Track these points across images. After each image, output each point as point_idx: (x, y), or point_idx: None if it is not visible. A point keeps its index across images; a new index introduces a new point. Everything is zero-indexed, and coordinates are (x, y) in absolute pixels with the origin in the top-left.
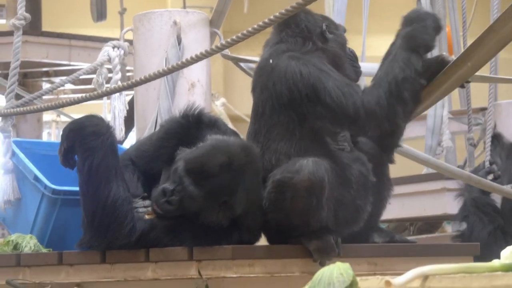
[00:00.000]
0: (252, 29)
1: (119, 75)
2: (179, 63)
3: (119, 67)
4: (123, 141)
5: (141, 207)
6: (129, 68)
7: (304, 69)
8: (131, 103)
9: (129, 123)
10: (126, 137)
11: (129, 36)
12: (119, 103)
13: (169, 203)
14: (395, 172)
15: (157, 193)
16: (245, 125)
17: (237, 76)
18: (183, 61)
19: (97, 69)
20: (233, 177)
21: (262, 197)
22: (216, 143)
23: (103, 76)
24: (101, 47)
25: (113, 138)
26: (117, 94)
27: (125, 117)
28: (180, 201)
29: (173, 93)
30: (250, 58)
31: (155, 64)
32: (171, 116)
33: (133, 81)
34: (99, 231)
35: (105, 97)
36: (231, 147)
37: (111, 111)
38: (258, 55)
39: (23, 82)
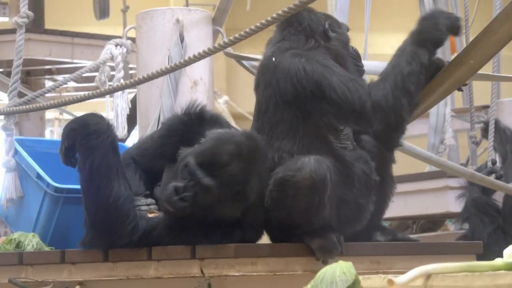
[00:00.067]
0: (255, 27)
1: (121, 73)
2: (181, 61)
3: (121, 65)
4: (125, 139)
5: (143, 205)
6: (132, 66)
7: (308, 65)
8: (134, 101)
9: (131, 121)
10: (128, 135)
11: (132, 34)
12: (122, 101)
13: (183, 200)
14: (397, 170)
15: (168, 192)
16: (248, 123)
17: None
18: (186, 59)
19: (99, 67)
20: (244, 165)
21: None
22: (220, 135)
23: (105, 74)
24: (104, 45)
25: (113, 136)
26: (119, 92)
27: (127, 115)
28: (193, 196)
29: (175, 91)
30: (252, 56)
31: (157, 62)
32: (173, 114)
33: (136, 79)
34: (101, 230)
35: (108, 95)
36: (236, 137)
37: (113, 109)
38: (261, 53)
39: (26, 80)
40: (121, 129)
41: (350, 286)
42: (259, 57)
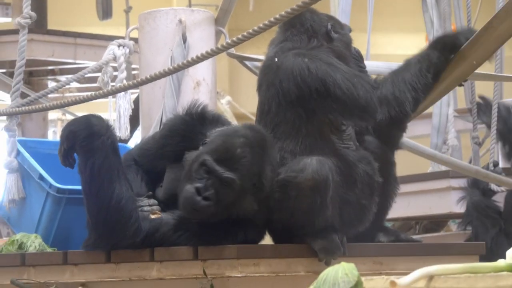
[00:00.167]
0: (258, 28)
1: (124, 74)
2: (184, 62)
3: (124, 65)
4: (128, 140)
5: (145, 205)
6: (134, 67)
7: (311, 64)
8: (137, 101)
9: (134, 121)
10: (131, 135)
11: (135, 34)
12: (125, 101)
13: (206, 199)
14: (400, 170)
15: (189, 194)
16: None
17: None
18: (189, 60)
19: (102, 67)
20: (257, 154)
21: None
22: (225, 132)
23: (108, 75)
24: (106, 45)
25: (113, 137)
26: (122, 93)
27: (130, 115)
28: (216, 194)
29: (178, 92)
30: (255, 56)
31: (160, 63)
32: (175, 114)
33: (139, 80)
34: (104, 232)
35: (111, 96)
36: (240, 130)
37: (116, 109)
38: (264, 53)
39: (29, 81)
40: (123, 129)
41: (353, 287)
42: (262, 57)
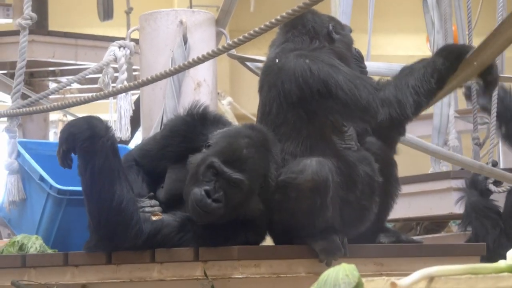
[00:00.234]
0: (259, 29)
1: (125, 75)
2: (185, 63)
3: (125, 66)
4: (129, 141)
5: (147, 206)
6: (135, 68)
7: (313, 65)
8: (137, 102)
9: (135, 122)
10: (132, 136)
11: (136, 35)
12: (125, 102)
13: (216, 201)
14: (401, 171)
15: (198, 197)
16: None
17: (243, 75)
18: (190, 61)
19: (103, 68)
20: (262, 153)
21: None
22: (228, 133)
23: (109, 76)
24: (107, 46)
25: (113, 139)
26: (123, 94)
27: (131, 116)
28: (225, 195)
29: (179, 93)
30: (256, 57)
31: (161, 64)
32: (176, 115)
33: (140, 81)
34: (105, 234)
35: (111, 97)
36: (243, 131)
37: (117, 110)
38: (265, 54)
39: (30, 82)
40: (124, 130)
41: None
42: (263, 58)
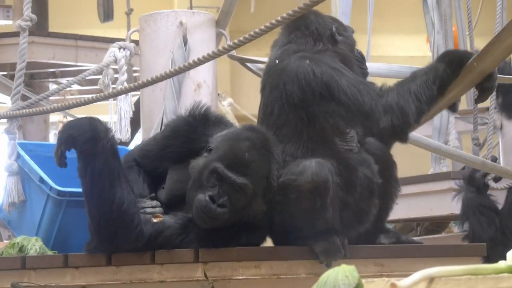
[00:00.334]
0: (259, 30)
1: (125, 76)
2: (185, 64)
3: (125, 68)
4: (129, 142)
5: (148, 207)
6: (135, 69)
7: (316, 68)
8: (137, 104)
9: (135, 124)
10: (132, 138)
11: (136, 36)
12: (125, 104)
13: (221, 206)
14: (402, 172)
15: (203, 203)
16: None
17: (243, 76)
18: (190, 62)
19: (103, 70)
20: (264, 156)
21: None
22: (228, 136)
23: (109, 77)
24: (108, 47)
25: (113, 141)
26: (123, 95)
27: (131, 118)
28: (229, 200)
29: (179, 94)
30: (256, 58)
31: (161, 65)
32: (177, 115)
33: (140, 82)
34: (106, 236)
35: (111, 98)
36: (243, 133)
37: (117, 112)
38: (266, 54)
39: (30, 83)
40: (124, 132)
41: None
42: (263, 59)
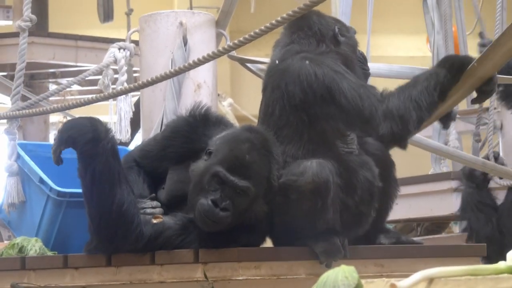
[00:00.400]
0: (259, 30)
1: (125, 77)
2: (185, 65)
3: (125, 68)
4: (129, 143)
5: (148, 207)
6: (135, 69)
7: (318, 70)
8: (137, 104)
9: (135, 124)
10: (132, 138)
11: (136, 37)
12: (125, 104)
13: (224, 210)
14: (402, 172)
15: (206, 208)
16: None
17: (244, 77)
18: (190, 62)
19: (103, 70)
20: (264, 156)
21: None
22: (227, 138)
23: (109, 78)
24: (107, 48)
25: (113, 142)
26: (123, 96)
27: (131, 118)
28: (232, 203)
29: (179, 94)
30: (256, 59)
31: (161, 65)
32: (178, 115)
33: (140, 83)
34: (106, 237)
35: (111, 99)
36: (242, 135)
37: (117, 112)
38: (266, 55)
39: (30, 84)
40: (124, 132)
41: None
42: (263, 60)
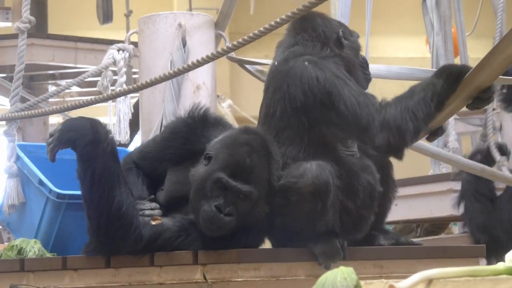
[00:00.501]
0: (258, 31)
1: (124, 78)
2: (184, 66)
3: (124, 69)
4: (128, 144)
5: (147, 209)
6: (134, 71)
7: (320, 74)
8: (136, 105)
9: (134, 126)
10: (131, 140)
11: (135, 38)
12: (124, 106)
13: (228, 215)
14: (401, 173)
15: (210, 214)
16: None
17: (243, 78)
18: (189, 64)
19: (102, 72)
20: (264, 158)
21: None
22: (227, 142)
23: (108, 79)
24: (107, 49)
25: (113, 143)
26: (122, 97)
27: (130, 120)
28: (235, 208)
29: (178, 96)
30: (255, 60)
31: (160, 67)
32: (177, 117)
33: (139, 84)
34: (105, 239)
35: (110, 100)
36: (240, 138)
37: (116, 114)
38: (265, 56)
39: (29, 85)
40: (123, 134)
41: None
42: (262, 61)
